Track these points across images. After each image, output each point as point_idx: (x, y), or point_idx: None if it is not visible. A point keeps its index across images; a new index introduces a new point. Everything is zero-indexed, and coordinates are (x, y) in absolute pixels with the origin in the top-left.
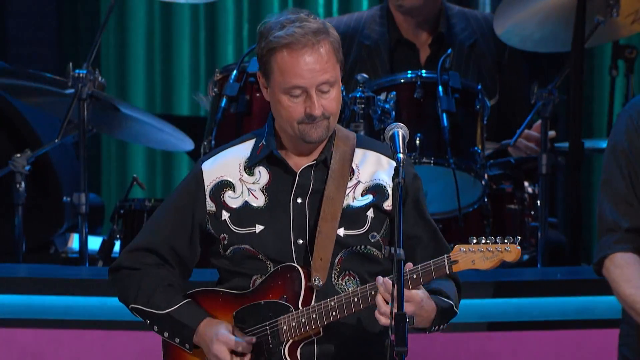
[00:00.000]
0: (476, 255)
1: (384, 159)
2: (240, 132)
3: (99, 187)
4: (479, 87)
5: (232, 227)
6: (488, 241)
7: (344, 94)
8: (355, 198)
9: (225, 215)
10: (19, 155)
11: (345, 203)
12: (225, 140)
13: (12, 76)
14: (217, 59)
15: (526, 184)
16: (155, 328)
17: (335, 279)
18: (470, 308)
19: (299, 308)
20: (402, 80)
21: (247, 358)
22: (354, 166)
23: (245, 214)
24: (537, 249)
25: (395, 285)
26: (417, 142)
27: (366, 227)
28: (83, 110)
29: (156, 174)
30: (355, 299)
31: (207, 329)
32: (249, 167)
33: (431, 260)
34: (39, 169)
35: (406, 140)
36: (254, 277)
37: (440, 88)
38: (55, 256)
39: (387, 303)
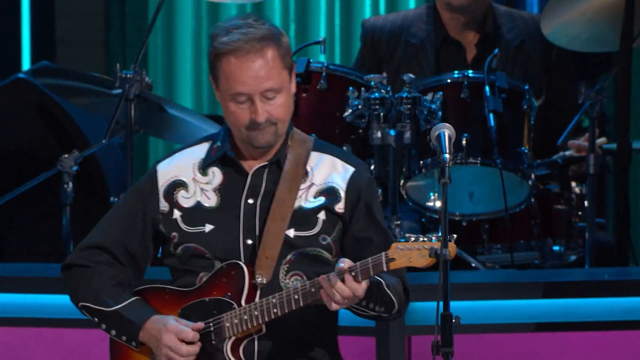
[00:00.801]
0: (413, 252)
1: (339, 163)
2: None
3: None
4: (526, 87)
5: (182, 226)
6: (424, 239)
7: (390, 94)
8: (307, 200)
9: (177, 214)
10: (66, 155)
11: (296, 204)
12: None
13: (59, 76)
14: None
15: (573, 184)
16: (103, 326)
17: (282, 278)
18: (518, 309)
19: (242, 305)
20: (449, 81)
21: (197, 347)
22: (308, 168)
23: (196, 213)
24: (584, 250)
25: (442, 286)
26: (464, 142)
27: (317, 229)
28: (130, 110)
29: None
30: (296, 296)
31: (154, 324)
32: (203, 167)
33: (369, 258)
34: (87, 170)
35: (452, 141)
36: (201, 275)
37: (487, 88)
38: None
39: (331, 299)
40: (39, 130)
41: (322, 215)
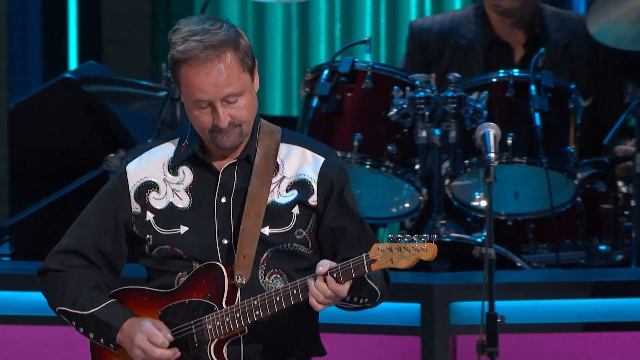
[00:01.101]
0: (394, 254)
1: (309, 154)
2: (332, 131)
3: None
4: (572, 86)
5: (156, 228)
6: (405, 239)
7: (435, 93)
8: (280, 194)
9: (150, 216)
10: (112, 155)
11: (270, 199)
12: (317, 140)
13: (106, 83)
14: (309, 58)
15: (620, 183)
16: (81, 330)
17: (262, 277)
18: (565, 309)
19: (223, 307)
20: (494, 80)
21: (172, 352)
22: (278, 161)
23: (169, 215)
24: (631, 249)
25: (487, 286)
26: (509, 141)
27: (291, 224)
28: (175, 110)
29: None
30: (278, 298)
31: (131, 326)
32: (173, 167)
33: (350, 260)
34: None
35: (498, 140)
36: (179, 275)
37: (532, 87)
38: None
39: (319, 303)
40: (84, 130)
41: (296, 210)
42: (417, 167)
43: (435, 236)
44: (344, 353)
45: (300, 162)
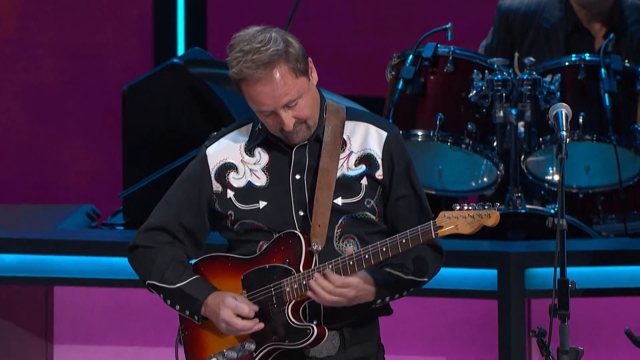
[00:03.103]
0: (459, 220)
1: (373, 129)
2: (415, 111)
3: None
4: (639, 69)
5: (237, 204)
6: (470, 207)
7: (512, 76)
8: (350, 168)
9: (230, 194)
10: (215, 133)
11: (339, 173)
12: (402, 119)
13: (209, 66)
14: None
15: None
16: (168, 302)
17: (336, 242)
18: (632, 275)
19: (300, 271)
20: (567, 63)
21: (253, 323)
22: (345, 137)
23: (249, 192)
24: None
25: (558, 254)
26: (580, 120)
27: (361, 194)
28: None
29: None
30: (351, 262)
31: (214, 300)
32: (249, 149)
33: (418, 226)
34: None
35: (569, 119)
36: (261, 243)
37: (602, 70)
38: None
39: (318, 296)
40: (190, 109)
41: (364, 182)
42: (494, 144)
43: (499, 204)
44: (427, 314)
45: (364, 137)
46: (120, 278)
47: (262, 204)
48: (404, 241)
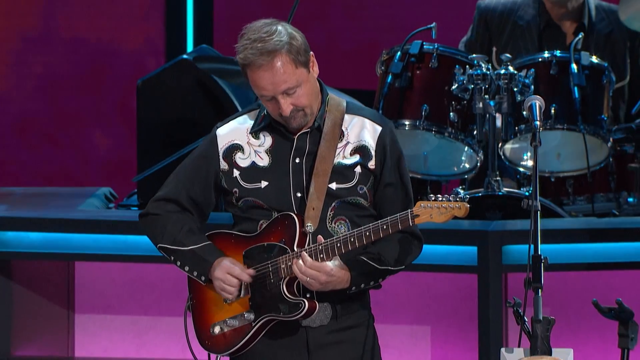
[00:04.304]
0: (433, 210)
1: (369, 123)
2: (403, 103)
3: None
4: (606, 64)
5: (241, 182)
6: (443, 199)
7: (490, 71)
8: (345, 157)
9: (236, 173)
10: (221, 122)
11: (336, 160)
12: (391, 110)
13: (216, 61)
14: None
15: None
16: (178, 263)
17: (329, 223)
18: (599, 251)
19: (294, 250)
20: (540, 59)
21: (240, 275)
22: (343, 129)
23: (252, 172)
24: None
25: (533, 232)
26: (552, 111)
27: (355, 181)
28: None
29: None
30: (339, 244)
31: (218, 263)
32: (255, 132)
33: (397, 214)
34: None
35: (542, 110)
36: (261, 222)
37: (572, 65)
38: None
39: (303, 274)
40: (198, 101)
41: (358, 169)
42: (475, 132)
43: (468, 197)
44: (414, 287)
45: (361, 130)
46: (135, 254)
47: (264, 183)
48: (384, 227)
